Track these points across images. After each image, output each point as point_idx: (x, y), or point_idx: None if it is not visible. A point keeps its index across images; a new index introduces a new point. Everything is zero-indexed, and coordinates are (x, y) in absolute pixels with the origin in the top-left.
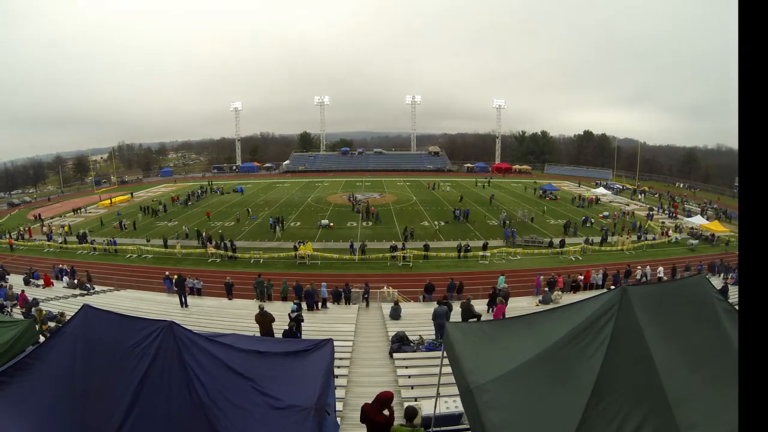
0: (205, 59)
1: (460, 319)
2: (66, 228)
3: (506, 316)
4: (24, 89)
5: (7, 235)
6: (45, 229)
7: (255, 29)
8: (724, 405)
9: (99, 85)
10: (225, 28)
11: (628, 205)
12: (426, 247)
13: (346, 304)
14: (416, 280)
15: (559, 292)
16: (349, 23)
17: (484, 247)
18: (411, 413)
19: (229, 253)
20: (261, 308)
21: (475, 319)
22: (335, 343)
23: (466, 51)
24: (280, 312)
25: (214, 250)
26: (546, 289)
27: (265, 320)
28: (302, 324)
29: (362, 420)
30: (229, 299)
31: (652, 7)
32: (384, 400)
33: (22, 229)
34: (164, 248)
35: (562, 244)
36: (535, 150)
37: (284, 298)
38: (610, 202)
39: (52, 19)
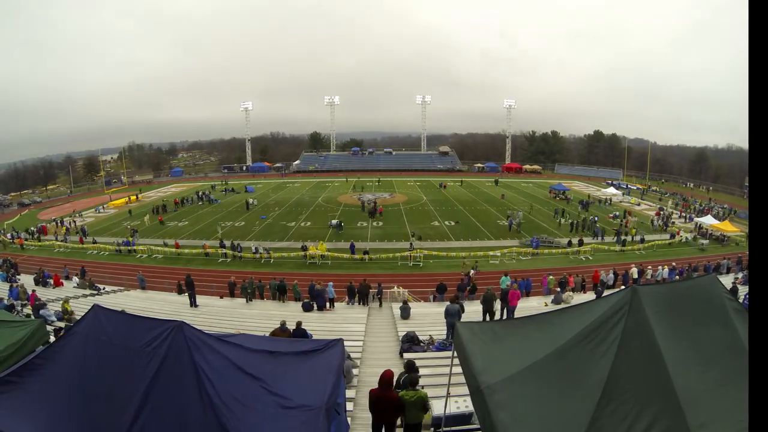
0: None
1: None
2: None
3: (517, 316)
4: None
5: (18, 235)
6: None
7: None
8: (734, 404)
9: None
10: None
11: (638, 204)
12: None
13: (361, 304)
14: (426, 280)
15: (571, 293)
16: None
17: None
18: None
19: (236, 253)
20: (282, 323)
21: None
22: (345, 342)
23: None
24: (292, 312)
25: (224, 251)
26: (558, 289)
27: (284, 336)
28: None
29: (374, 407)
30: (231, 298)
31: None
32: (390, 377)
33: (33, 228)
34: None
35: (580, 242)
36: (545, 150)
37: (297, 299)
38: (621, 202)
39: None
